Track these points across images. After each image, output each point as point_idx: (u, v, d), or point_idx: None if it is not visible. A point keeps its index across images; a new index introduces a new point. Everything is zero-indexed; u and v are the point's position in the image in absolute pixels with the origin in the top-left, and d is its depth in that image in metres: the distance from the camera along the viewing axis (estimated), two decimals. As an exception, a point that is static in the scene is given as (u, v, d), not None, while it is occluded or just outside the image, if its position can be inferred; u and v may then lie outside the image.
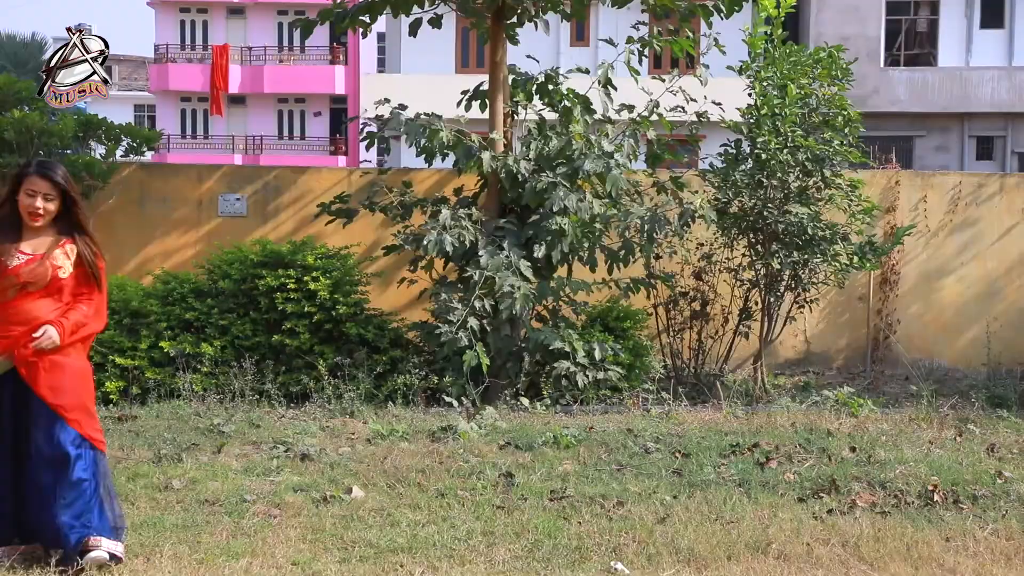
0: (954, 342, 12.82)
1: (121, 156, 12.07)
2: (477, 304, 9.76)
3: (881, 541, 6.01)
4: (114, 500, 5.59)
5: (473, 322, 9.70)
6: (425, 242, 9.84)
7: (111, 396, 9.68)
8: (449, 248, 9.84)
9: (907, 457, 7.80)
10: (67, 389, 5.42)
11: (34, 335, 5.33)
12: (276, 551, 5.69)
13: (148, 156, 18.13)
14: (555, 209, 9.98)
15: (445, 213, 10.06)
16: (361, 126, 11.44)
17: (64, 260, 5.46)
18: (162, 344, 9.90)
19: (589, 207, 10.11)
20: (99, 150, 12.47)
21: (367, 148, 11.14)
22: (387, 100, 11.02)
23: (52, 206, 5.44)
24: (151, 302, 10.14)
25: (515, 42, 11.11)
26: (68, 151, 11.69)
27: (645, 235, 10.17)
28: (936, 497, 6.82)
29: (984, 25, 29.62)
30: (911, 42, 30.08)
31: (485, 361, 9.60)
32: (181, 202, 12.45)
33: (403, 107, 10.81)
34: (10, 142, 11.10)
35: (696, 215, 10.24)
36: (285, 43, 42.82)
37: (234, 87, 41.07)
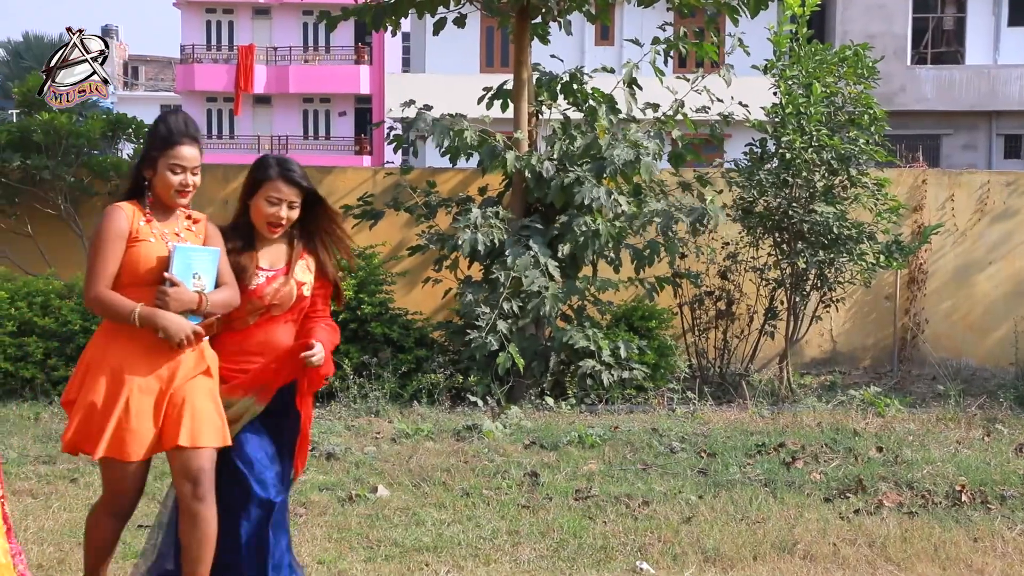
0: (982, 341, 12.73)
1: (148, 156, 12.14)
2: (505, 305, 9.77)
3: (908, 541, 5.99)
4: None
5: (502, 325, 9.71)
6: (460, 242, 9.87)
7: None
8: (481, 248, 9.87)
9: (934, 457, 7.76)
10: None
11: (306, 353, 4.44)
12: (302, 550, 5.71)
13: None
14: (585, 202, 9.96)
15: (476, 212, 10.08)
16: (387, 130, 11.47)
17: (306, 274, 4.60)
18: (189, 342, 9.93)
19: (615, 203, 10.10)
20: (126, 150, 12.55)
21: (395, 151, 11.17)
22: (412, 101, 11.04)
23: (295, 214, 4.54)
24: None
25: (545, 41, 11.12)
26: (96, 151, 11.78)
27: (662, 233, 10.19)
28: (964, 497, 6.78)
29: (1012, 23, 29.38)
30: (938, 40, 29.89)
31: (520, 362, 9.61)
32: (207, 201, 12.45)
33: (428, 107, 10.82)
34: (38, 143, 11.20)
35: (711, 215, 10.23)
36: (310, 43, 42.93)
37: (259, 87, 41.20)
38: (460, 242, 9.84)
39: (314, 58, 42.57)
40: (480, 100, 10.97)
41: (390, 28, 11.05)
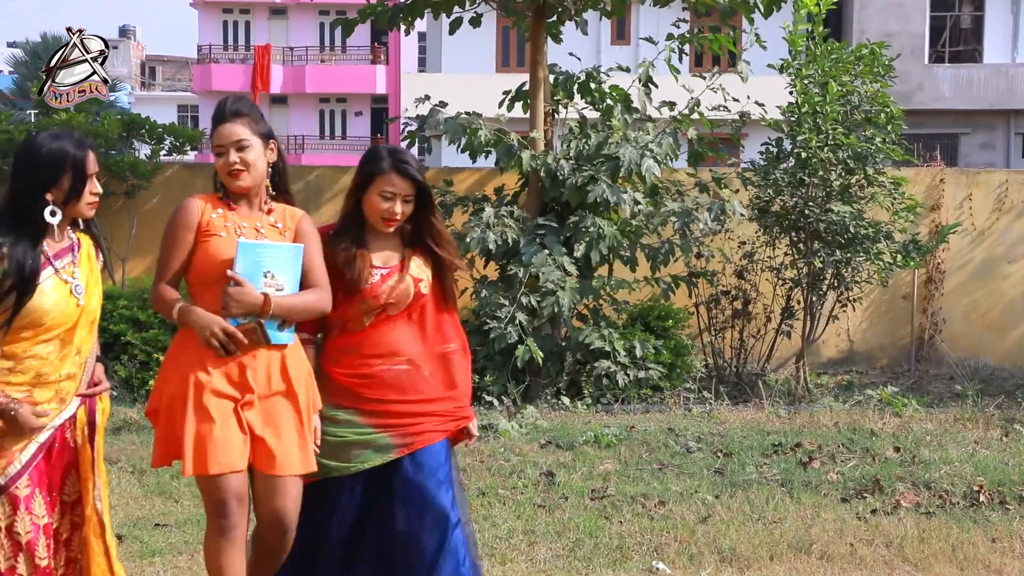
0: (1000, 341, 12.68)
1: (164, 156, 12.17)
2: (523, 300, 9.77)
3: (926, 542, 5.96)
4: None
5: (521, 317, 9.71)
6: (468, 240, 9.87)
7: (155, 394, 9.77)
8: (492, 246, 9.86)
9: (952, 457, 7.73)
10: None
11: (467, 440, 4.35)
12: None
13: (191, 156, 18.27)
14: (597, 200, 9.95)
15: (488, 211, 10.09)
16: (402, 126, 11.47)
17: (422, 271, 4.29)
18: (205, 343, 9.96)
19: (633, 202, 10.09)
20: (143, 150, 12.60)
21: (408, 148, 11.18)
22: (427, 97, 11.04)
23: (409, 209, 4.21)
24: (194, 301, 10.21)
25: (559, 40, 11.11)
26: (112, 151, 11.82)
27: (679, 232, 10.18)
28: (982, 498, 6.76)
29: (1031, 21, 29.25)
30: (956, 38, 29.75)
31: (539, 355, 9.59)
32: (223, 201, 12.52)
33: (443, 104, 10.82)
34: (56, 143, 11.22)
35: (727, 212, 10.21)
36: (327, 43, 43.01)
37: (276, 87, 41.29)
38: (468, 239, 9.84)
39: (330, 58, 42.65)
40: (501, 103, 10.97)
41: (404, 28, 11.06)
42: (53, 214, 3.76)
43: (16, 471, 3.68)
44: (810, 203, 10.66)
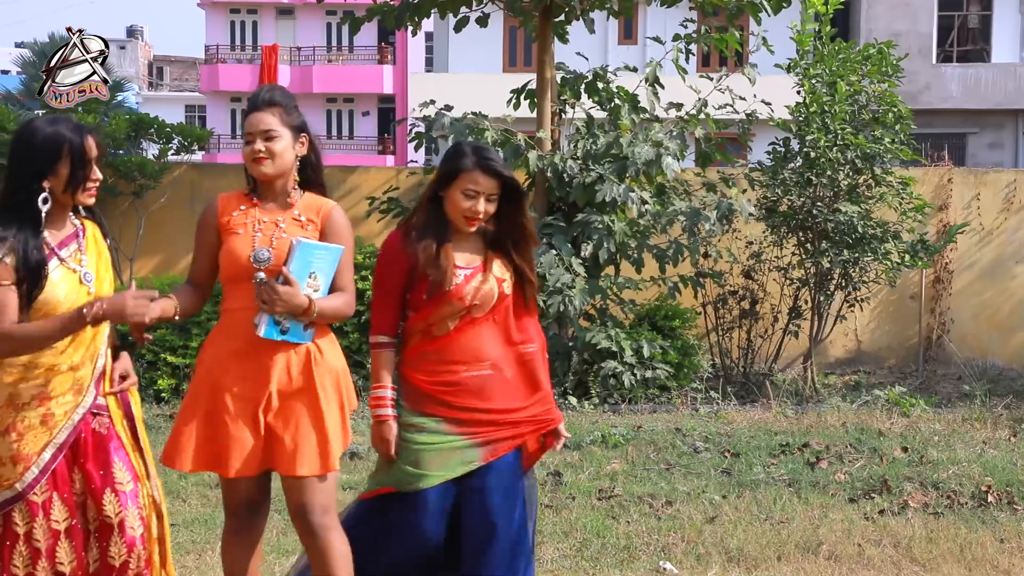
0: (1008, 341, 12.65)
1: (172, 156, 12.18)
2: (531, 300, 9.76)
3: (934, 542, 5.95)
4: None
5: None
6: None
7: (163, 394, 9.79)
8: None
9: (960, 457, 7.71)
10: None
11: (557, 444, 4.23)
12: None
13: (198, 156, 18.28)
14: (605, 200, 9.94)
15: (492, 210, 10.07)
16: (410, 127, 11.48)
17: (504, 271, 4.15)
18: (213, 342, 9.97)
19: (640, 201, 10.08)
20: (151, 150, 12.61)
21: (415, 149, 11.18)
22: (433, 101, 11.04)
23: (493, 208, 4.08)
24: (202, 301, 10.20)
25: (565, 40, 11.10)
26: (120, 151, 11.83)
27: (686, 232, 10.17)
28: (990, 498, 6.74)
29: (1039, 20, 29.20)
30: (964, 38, 29.71)
31: None
32: (230, 202, 12.52)
33: (448, 108, 10.82)
34: (64, 143, 11.24)
35: (734, 212, 10.19)
36: (334, 43, 43.05)
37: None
38: None
39: (337, 58, 42.69)
40: (508, 102, 10.97)
41: (411, 28, 11.06)
42: (45, 201, 3.65)
43: (33, 477, 3.62)
44: (818, 203, 10.65)
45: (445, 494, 4.03)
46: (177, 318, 3.94)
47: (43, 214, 3.66)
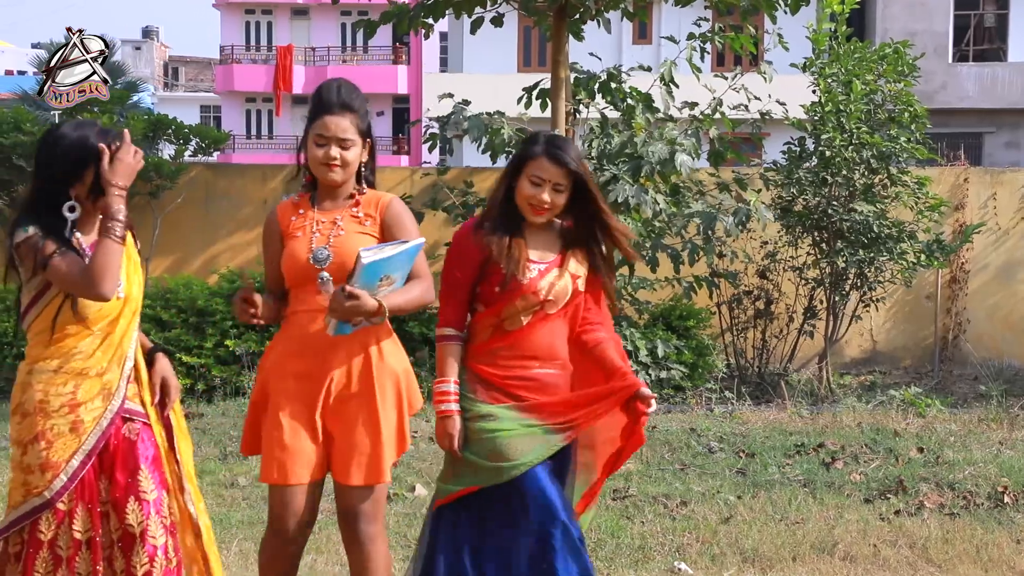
0: (1025, 341, 12.61)
1: (188, 156, 12.22)
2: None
3: (949, 543, 5.93)
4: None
5: None
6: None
7: (178, 393, 9.81)
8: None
9: (976, 458, 7.69)
10: None
11: (646, 408, 4.07)
12: (340, 548, 5.71)
13: (214, 156, 18.32)
14: (618, 200, 9.94)
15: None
16: (424, 128, 11.48)
17: (579, 267, 4.04)
18: (227, 343, 10.01)
19: (652, 201, 10.06)
20: (168, 150, 12.64)
21: (430, 150, 11.19)
22: (450, 95, 11.02)
23: (561, 199, 3.96)
24: (217, 301, 10.25)
25: (580, 38, 11.08)
26: (137, 152, 11.86)
27: (702, 234, 10.14)
28: (1006, 499, 6.71)
29: (1055, 20, 29.08)
30: (980, 37, 29.58)
31: None
32: (246, 202, 12.58)
33: (466, 103, 10.81)
34: (80, 144, 11.28)
35: (752, 215, 10.16)
36: (348, 44, 43.12)
37: (298, 87, 41.43)
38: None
39: (352, 58, 42.75)
40: (519, 100, 10.96)
41: (423, 31, 11.05)
42: (72, 210, 3.66)
43: (61, 485, 3.61)
44: (833, 202, 10.63)
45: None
46: (262, 321, 3.89)
47: (70, 222, 3.66)
